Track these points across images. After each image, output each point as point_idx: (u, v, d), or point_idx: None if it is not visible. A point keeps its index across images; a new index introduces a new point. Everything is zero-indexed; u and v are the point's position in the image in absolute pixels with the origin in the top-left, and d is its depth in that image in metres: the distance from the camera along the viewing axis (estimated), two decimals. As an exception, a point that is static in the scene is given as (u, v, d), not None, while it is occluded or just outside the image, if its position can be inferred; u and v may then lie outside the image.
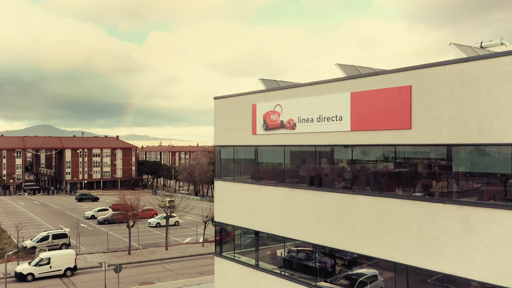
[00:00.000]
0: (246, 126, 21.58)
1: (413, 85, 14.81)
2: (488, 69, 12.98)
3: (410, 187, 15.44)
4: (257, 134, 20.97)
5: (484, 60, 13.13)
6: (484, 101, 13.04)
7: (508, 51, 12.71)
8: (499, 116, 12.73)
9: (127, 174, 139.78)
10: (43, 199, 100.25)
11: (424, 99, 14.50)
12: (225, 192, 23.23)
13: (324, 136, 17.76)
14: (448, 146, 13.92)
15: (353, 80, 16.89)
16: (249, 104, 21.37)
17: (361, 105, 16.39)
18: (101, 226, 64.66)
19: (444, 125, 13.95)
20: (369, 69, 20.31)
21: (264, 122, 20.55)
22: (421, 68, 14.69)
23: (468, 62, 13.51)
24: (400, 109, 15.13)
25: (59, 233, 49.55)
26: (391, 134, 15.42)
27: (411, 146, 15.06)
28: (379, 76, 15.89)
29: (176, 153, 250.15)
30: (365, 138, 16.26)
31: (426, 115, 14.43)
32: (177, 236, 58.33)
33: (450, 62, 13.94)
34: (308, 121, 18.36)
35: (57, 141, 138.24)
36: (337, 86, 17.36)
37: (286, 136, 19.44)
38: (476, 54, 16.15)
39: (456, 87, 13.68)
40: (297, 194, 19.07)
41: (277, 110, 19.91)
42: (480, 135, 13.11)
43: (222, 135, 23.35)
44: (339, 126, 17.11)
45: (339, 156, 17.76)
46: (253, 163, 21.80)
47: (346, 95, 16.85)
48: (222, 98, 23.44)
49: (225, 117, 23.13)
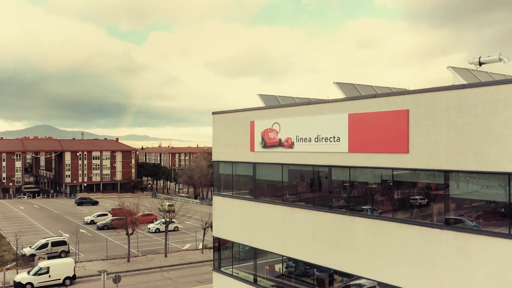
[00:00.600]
0: (244, 143, 21.59)
1: (410, 109, 14.83)
2: (485, 97, 13.00)
3: (408, 210, 15.45)
4: (255, 151, 20.98)
5: (481, 88, 13.14)
6: (481, 129, 13.05)
7: (505, 80, 12.73)
8: (496, 144, 12.74)
9: (127, 177, 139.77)
10: (42, 203, 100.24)
11: (421, 124, 14.52)
12: (224, 208, 23.24)
13: (322, 156, 17.77)
14: (445, 172, 13.94)
15: (350, 101, 16.90)
16: (247, 120, 21.38)
17: (359, 127, 16.40)
18: (101, 231, 64.67)
19: (442, 151, 13.96)
20: (368, 87, 20.33)
21: (262, 140, 20.56)
22: (418, 93, 14.71)
23: (465, 89, 13.53)
24: (397, 132, 15.14)
25: (58, 241, 49.55)
26: (389, 158, 15.43)
27: (408, 170, 15.07)
28: (377, 99, 15.91)
29: (176, 155, 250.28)
30: (363, 160, 16.27)
31: (424, 140, 14.44)
32: (177, 242, 58.35)
33: (447, 88, 13.96)
34: (306, 140, 18.37)
35: (56, 144, 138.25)
36: (334, 107, 17.38)
37: (284, 154, 19.46)
38: (474, 77, 16.17)
39: (453, 114, 13.69)
40: (295, 213, 19.08)
41: (275, 128, 19.93)
42: (477, 163, 13.13)
43: (220, 150, 23.35)
44: (336, 147, 17.13)
45: (337, 177, 17.78)
46: (251, 179, 21.82)
47: (344, 116, 16.86)
48: (220, 113, 23.45)
49: (223, 132, 23.14)
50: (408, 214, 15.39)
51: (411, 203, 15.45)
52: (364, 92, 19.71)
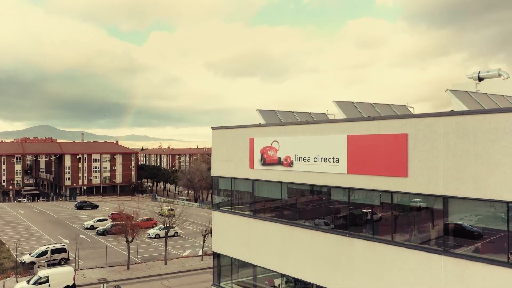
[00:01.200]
0: (243, 159, 21.58)
1: (409, 133, 14.83)
2: (483, 125, 12.99)
3: (407, 234, 15.44)
4: (254, 168, 20.98)
5: (480, 115, 13.14)
6: (480, 156, 13.05)
7: (504, 108, 12.73)
8: (495, 172, 12.74)
9: (127, 179, 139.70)
10: (42, 207, 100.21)
11: (420, 148, 14.51)
12: (223, 223, 23.23)
13: (321, 176, 17.77)
14: (444, 197, 13.93)
15: (350, 123, 16.90)
16: (247, 137, 21.38)
17: (358, 149, 16.40)
18: (100, 237, 64.61)
19: (441, 176, 13.96)
20: (367, 105, 20.32)
21: (262, 157, 20.55)
22: (417, 117, 14.71)
23: (464, 115, 13.53)
24: (396, 156, 15.14)
25: (58, 248, 49.47)
26: (388, 181, 15.42)
27: (407, 194, 15.06)
28: (376, 121, 15.90)
29: (176, 156, 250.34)
30: (362, 182, 16.26)
31: (423, 165, 14.44)
32: (176, 249, 58.28)
33: (446, 114, 13.96)
34: (305, 159, 18.36)
35: (56, 147, 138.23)
36: (334, 128, 17.37)
37: (283, 172, 19.45)
38: (473, 100, 16.16)
39: (452, 140, 13.69)
40: (294, 232, 19.07)
41: (274, 146, 19.92)
42: (476, 190, 13.12)
43: (219, 166, 23.35)
44: (336, 168, 17.12)
45: (336, 197, 17.78)
46: (250, 195, 21.81)
47: (343, 138, 16.86)
48: (220, 129, 23.45)
49: (223, 148, 23.13)
50: (407, 237, 15.38)
51: (410, 226, 15.44)
52: (364, 110, 19.71)
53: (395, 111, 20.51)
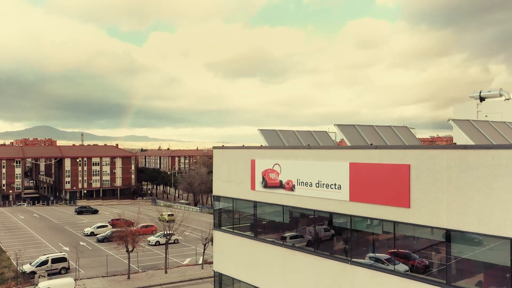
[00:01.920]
0: (245, 180, 21.56)
1: (412, 164, 14.81)
2: (486, 160, 12.98)
3: (410, 264, 15.42)
4: (256, 190, 20.95)
5: (483, 150, 13.12)
6: (483, 191, 13.04)
7: (507, 145, 12.72)
8: (498, 208, 12.72)
9: (127, 183, 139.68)
10: (42, 211, 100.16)
11: (423, 180, 14.50)
12: (224, 243, 23.21)
13: (323, 202, 17.75)
14: (447, 230, 13.92)
15: (352, 150, 16.88)
16: (248, 159, 21.35)
17: (360, 177, 16.38)
18: (101, 244, 64.61)
19: (443, 209, 13.95)
20: (368, 127, 20.31)
21: (263, 179, 20.53)
22: (420, 149, 14.69)
23: (466, 149, 13.52)
24: (399, 186, 15.12)
25: (58, 257, 49.46)
26: (390, 211, 15.41)
27: (410, 225, 15.04)
28: (378, 150, 15.89)
29: (175, 158, 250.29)
30: (364, 210, 16.25)
31: (425, 197, 14.42)
32: (177, 256, 58.25)
33: (449, 147, 13.95)
34: (307, 184, 18.35)
35: (56, 150, 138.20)
36: (335, 154, 17.35)
37: (285, 196, 19.43)
38: (475, 129, 16.13)
39: (455, 173, 13.68)
40: (296, 256, 19.06)
41: (276, 169, 19.90)
42: (479, 225, 13.11)
43: (221, 185, 23.32)
44: (338, 195, 17.10)
45: (338, 223, 17.75)
46: (252, 216, 21.79)
47: (345, 165, 16.84)
48: (221, 148, 23.43)
49: (224, 168, 23.10)
50: (410, 267, 15.37)
51: (413, 257, 15.43)
52: (365, 133, 19.69)
53: (396, 133, 20.50)
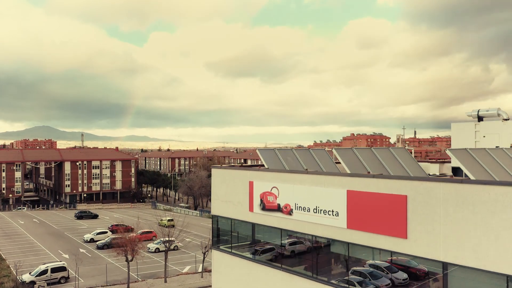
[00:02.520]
0: (243, 202, 21.58)
1: (408, 195, 14.82)
2: (483, 195, 12.99)
3: (409, 271, 15.40)
4: (254, 212, 20.97)
5: (480, 186, 13.14)
6: (480, 227, 13.05)
7: (504, 182, 12.72)
8: (494, 244, 12.74)
9: (127, 186, 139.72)
10: (42, 216, 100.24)
11: (420, 211, 14.51)
12: (222, 263, 23.24)
13: (320, 227, 17.77)
14: (443, 263, 13.93)
15: (349, 177, 16.89)
16: (246, 180, 21.37)
17: (357, 205, 16.39)
18: (100, 251, 64.68)
19: (440, 242, 13.96)
20: (367, 150, 20.32)
21: (261, 202, 20.55)
22: (417, 180, 14.70)
23: (463, 184, 13.53)
24: (396, 216, 15.13)
25: (57, 267, 49.52)
26: (387, 240, 15.42)
27: (407, 256, 15.05)
28: (375, 180, 15.90)
29: (175, 159, 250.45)
30: (361, 238, 16.26)
31: (422, 228, 14.44)
32: (176, 264, 58.32)
33: (446, 180, 13.96)
34: (305, 209, 18.36)
35: (56, 153, 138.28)
36: (333, 181, 17.37)
37: (283, 219, 19.45)
38: (471, 158, 16.13)
39: (452, 207, 13.69)
40: (294, 280, 19.07)
41: (274, 192, 19.92)
42: (476, 260, 13.12)
43: (219, 205, 23.34)
44: (335, 221, 17.12)
45: (336, 250, 17.77)
46: (250, 238, 21.80)
47: (343, 192, 16.85)
48: (219, 168, 23.45)
49: (222, 188, 23.12)
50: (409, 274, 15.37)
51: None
52: (363, 157, 19.70)
53: (394, 155, 20.52)
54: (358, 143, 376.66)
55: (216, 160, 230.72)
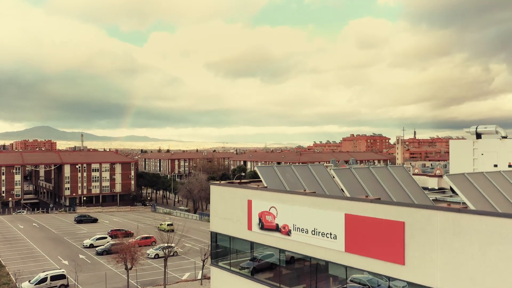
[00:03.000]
0: (242, 220, 21.61)
1: (406, 222, 14.85)
2: (480, 226, 13.03)
3: None
4: (252, 231, 21.00)
5: (477, 216, 13.18)
6: (477, 257, 13.09)
7: (501, 213, 12.76)
8: (491, 275, 12.77)
9: (127, 189, 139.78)
10: (42, 220, 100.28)
11: (417, 238, 14.55)
12: (221, 280, 23.28)
13: (319, 250, 17.80)
14: (441, 291, 13.96)
15: (347, 201, 16.93)
16: (245, 198, 21.40)
17: (355, 229, 16.43)
18: (100, 257, 64.68)
19: (438, 270, 14.00)
20: (365, 170, 20.35)
21: (260, 221, 20.58)
22: (415, 207, 14.74)
23: (460, 213, 13.57)
24: (394, 242, 15.17)
25: (57, 274, 49.55)
26: (385, 266, 15.46)
27: (404, 282, 15.09)
28: (373, 204, 15.94)
29: (175, 161, 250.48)
30: (359, 262, 16.30)
31: (420, 255, 14.47)
32: (176, 271, 58.34)
33: (443, 209, 13.99)
34: (303, 231, 18.40)
35: (56, 156, 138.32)
36: (331, 204, 17.40)
37: (282, 240, 19.48)
38: (469, 183, 16.15)
39: (449, 236, 13.73)
40: (292, 301, 19.12)
41: (272, 212, 19.95)
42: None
43: (218, 222, 23.38)
44: (333, 244, 17.15)
45: (334, 272, 17.80)
46: (249, 255, 21.84)
47: (341, 215, 16.89)
48: (218, 185, 23.48)
49: (221, 205, 23.16)
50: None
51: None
52: (361, 176, 19.73)
53: (393, 174, 20.54)
54: (357, 143, 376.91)
55: (216, 162, 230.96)
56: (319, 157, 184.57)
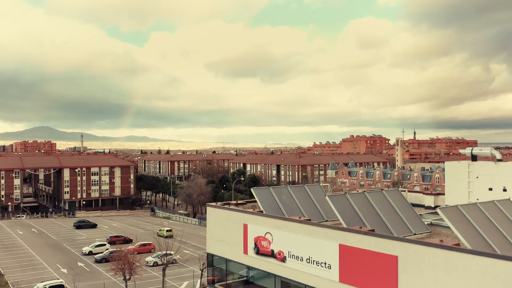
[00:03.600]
0: (238, 243, 21.69)
1: (399, 256, 14.93)
2: (472, 265, 13.10)
3: None
4: (248, 255, 21.08)
5: (469, 255, 13.25)
6: (468, 296, 13.16)
7: (492, 254, 12.83)
8: (483, 315, 12.84)
9: (126, 192, 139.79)
10: (41, 225, 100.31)
11: (410, 273, 14.63)
12: (218, 302, 23.36)
13: (313, 278, 17.88)
14: (433, 327, 14.04)
15: (341, 232, 17.00)
16: (241, 222, 21.49)
17: (349, 259, 16.51)
18: (99, 265, 64.64)
19: (430, 306, 14.07)
20: (360, 195, 20.42)
21: (256, 246, 20.66)
22: (407, 242, 14.82)
23: (452, 251, 13.64)
24: (387, 276, 15.25)
25: (55, 285, 49.56)
26: (379, 298, 15.52)
27: (398, 316, 15.16)
28: (367, 237, 16.01)
29: (175, 163, 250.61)
30: (353, 293, 16.36)
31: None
32: (174, 279, 58.34)
33: (435, 246, 14.07)
34: (298, 258, 18.47)
35: (55, 160, 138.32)
36: (325, 233, 17.48)
37: (277, 266, 19.57)
38: (462, 215, 16.21)
39: (441, 273, 13.81)
40: (288, 327, 19.19)
41: (267, 237, 20.03)
42: (464, 328, 13.22)
43: (214, 244, 23.47)
44: (328, 274, 17.23)
45: (328, 301, 17.85)
46: (245, 275, 21.92)
47: (335, 245, 16.97)
48: (215, 207, 23.56)
49: (218, 227, 23.25)
50: None
51: None
52: (356, 202, 19.78)
53: (388, 199, 20.60)
54: (357, 144, 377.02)
55: (216, 164, 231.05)
56: (318, 160, 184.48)
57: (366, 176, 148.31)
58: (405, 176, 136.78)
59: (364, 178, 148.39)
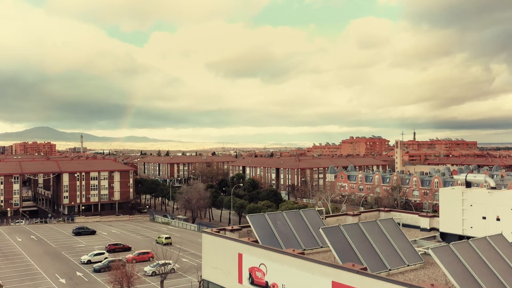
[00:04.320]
0: (232, 272, 21.77)
1: (391, 298, 14.99)
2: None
3: None
4: (243, 285, 21.15)
5: (459, 302, 13.31)
6: None
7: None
8: None
9: (125, 196, 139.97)
10: (40, 231, 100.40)
11: (402, 316, 14.69)
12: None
13: (307, 313, 17.93)
14: None
15: (334, 269, 17.08)
16: (236, 251, 21.57)
17: (342, 297, 16.57)
18: (97, 275, 64.74)
19: None
20: (354, 226, 20.50)
21: (250, 276, 20.74)
22: (400, 285, 14.88)
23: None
24: (379, 316, 15.31)
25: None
26: (371, 338, 15.59)
27: None
28: (359, 276, 16.08)
29: (174, 165, 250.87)
30: (346, 331, 16.42)
31: (404, 333, 14.61)
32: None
33: (426, 291, 14.13)
34: (292, 292, 18.53)
35: (54, 165, 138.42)
36: (318, 269, 17.55)
37: (271, 298, 19.61)
38: (453, 255, 16.28)
39: (432, 318, 13.87)
40: None
41: (262, 269, 20.11)
42: None
43: (210, 271, 23.54)
44: (321, 310, 17.28)
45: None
46: (240, 304, 21.97)
47: (328, 282, 17.04)
48: (211, 234, 23.63)
49: (213, 254, 23.32)
50: None
51: None
52: (350, 235, 19.85)
53: (382, 229, 20.68)
54: (357, 146, 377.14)
55: (215, 166, 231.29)
56: (317, 163, 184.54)
57: (365, 180, 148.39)
58: (404, 181, 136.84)
59: (363, 182, 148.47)
